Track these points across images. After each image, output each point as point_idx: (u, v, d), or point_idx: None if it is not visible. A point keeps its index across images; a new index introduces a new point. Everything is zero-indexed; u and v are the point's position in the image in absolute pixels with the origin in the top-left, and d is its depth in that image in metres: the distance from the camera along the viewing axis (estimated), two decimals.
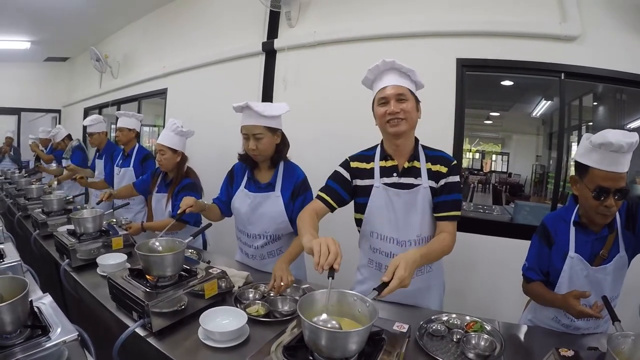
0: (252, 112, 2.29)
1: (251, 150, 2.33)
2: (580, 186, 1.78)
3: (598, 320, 1.84)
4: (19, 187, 4.94)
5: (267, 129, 2.31)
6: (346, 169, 2.11)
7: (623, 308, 1.78)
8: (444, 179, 1.97)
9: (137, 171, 4.08)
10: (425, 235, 2.02)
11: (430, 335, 1.72)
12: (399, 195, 1.99)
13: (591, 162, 1.69)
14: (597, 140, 1.63)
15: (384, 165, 2.05)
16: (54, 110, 11.11)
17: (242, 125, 2.35)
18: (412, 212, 1.99)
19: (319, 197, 2.10)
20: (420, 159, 2.02)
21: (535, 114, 6.20)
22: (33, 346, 1.29)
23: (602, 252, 1.83)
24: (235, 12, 5.24)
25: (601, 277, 1.82)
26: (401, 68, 1.92)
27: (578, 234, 1.86)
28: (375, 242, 2.10)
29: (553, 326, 1.97)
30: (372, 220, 2.07)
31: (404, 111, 1.90)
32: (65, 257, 2.42)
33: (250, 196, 2.44)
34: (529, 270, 2.00)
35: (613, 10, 3.23)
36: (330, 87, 4.22)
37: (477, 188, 8.17)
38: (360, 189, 2.09)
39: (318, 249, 1.47)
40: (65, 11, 6.61)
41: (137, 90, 7.15)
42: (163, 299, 1.65)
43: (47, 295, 1.66)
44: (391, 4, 3.97)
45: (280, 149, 2.44)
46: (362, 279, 2.24)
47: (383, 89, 1.94)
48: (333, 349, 1.21)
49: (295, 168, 2.50)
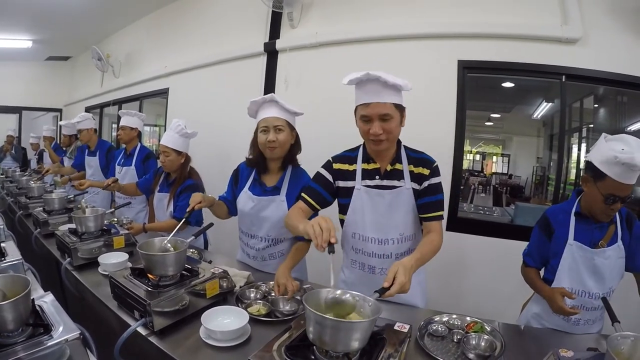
0: (275, 104, 2.32)
1: (270, 142, 2.30)
2: (591, 186, 1.84)
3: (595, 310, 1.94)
4: (20, 185, 4.93)
5: (287, 124, 2.34)
6: (328, 170, 2.12)
7: (623, 309, 1.78)
8: (426, 181, 1.97)
9: (139, 170, 4.09)
10: (408, 234, 2.04)
11: (431, 335, 1.73)
12: (382, 195, 1.99)
13: (611, 173, 1.73)
14: (624, 159, 1.67)
15: (366, 167, 2.05)
16: (55, 109, 11.13)
17: (264, 118, 2.33)
18: (395, 212, 2.00)
19: (302, 198, 2.10)
20: (402, 161, 2.01)
21: (536, 116, 6.22)
22: (35, 344, 1.29)
23: (601, 242, 1.90)
24: (237, 13, 5.25)
25: (600, 261, 1.88)
26: (387, 82, 1.79)
27: (578, 223, 1.95)
28: (357, 242, 2.10)
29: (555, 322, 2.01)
30: (353, 221, 2.08)
31: (386, 132, 1.86)
32: (67, 256, 2.42)
33: (255, 199, 2.42)
34: (528, 255, 2.16)
35: (614, 13, 3.23)
36: (331, 88, 4.19)
37: (478, 189, 8.20)
38: (342, 190, 2.09)
39: (312, 231, 1.52)
40: (67, 10, 6.62)
41: (139, 89, 7.16)
42: (165, 298, 1.65)
43: (48, 293, 1.66)
44: (393, 6, 3.98)
45: (294, 150, 2.44)
46: (345, 278, 2.24)
47: (366, 106, 1.86)
48: (337, 341, 1.22)
49: (303, 174, 2.47)
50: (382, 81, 1.78)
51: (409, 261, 1.60)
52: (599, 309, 1.93)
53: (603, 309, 1.90)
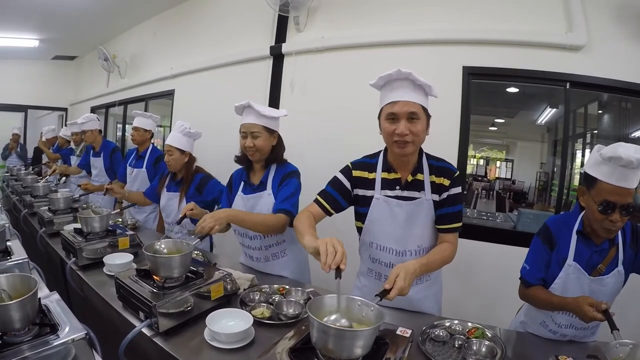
0: (252, 110, 2.38)
1: (248, 147, 2.39)
2: (587, 198, 1.76)
3: (585, 330, 1.87)
4: (24, 184, 4.96)
5: (264, 129, 2.39)
6: (347, 177, 2.06)
7: (622, 319, 1.79)
8: (446, 192, 1.92)
9: (150, 173, 4.08)
10: (426, 246, 2.00)
11: (433, 340, 1.73)
12: (401, 206, 1.95)
13: (600, 175, 1.67)
14: (607, 153, 1.62)
15: (386, 177, 1.99)
16: (60, 109, 11.20)
17: (242, 123, 2.44)
18: (414, 224, 1.96)
19: (317, 201, 2.08)
20: (424, 171, 1.95)
21: (540, 122, 6.22)
22: (41, 344, 1.30)
23: (600, 267, 1.81)
24: (243, 16, 5.28)
25: (597, 288, 1.81)
26: (417, 81, 1.76)
27: (579, 243, 1.84)
28: (375, 252, 2.07)
29: (540, 332, 1.96)
30: (371, 230, 2.04)
31: (412, 134, 1.78)
32: (72, 256, 2.43)
33: (245, 198, 2.48)
34: (530, 274, 1.95)
35: (619, 21, 3.24)
36: (337, 92, 4.24)
37: (481, 195, 8.19)
38: (361, 199, 2.05)
39: (324, 249, 1.49)
40: (74, 10, 6.67)
41: (145, 90, 7.20)
42: (170, 299, 1.67)
43: (54, 293, 1.67)
44: (399, 12, 4.00)
45: (277, 151, 2.49)
46: (361, 286, 2.23)
47: (393, 104, 1.79)
48: (341, 349, 1.23)
49: (287, 165, 2.51)
50: (412, 79, 1.75)
51: (412, 265, 1.60)
52: (589, 328, 1.86)
53: (596, 326, 1.88)
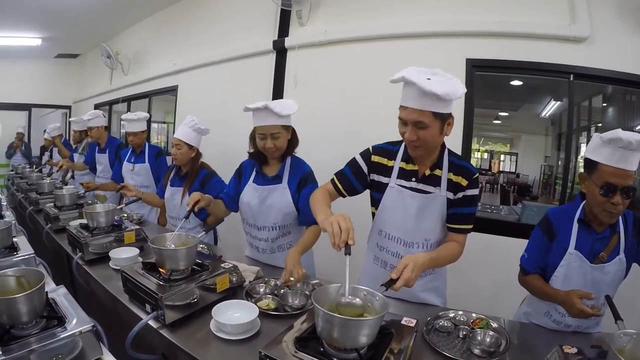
0: (270, 112, 2.27)
1: (269, 149, 2.36)
2: (588, 183, 1.77)
3: (589, 320, 1.85)
4: (30, 181, 4.98)
5: (283, 128, 2.36)
6: (366, 161, 2.05)
7: (627, 307, 1.79)
8: (462, 191, 1.91)
9: (153, 166, 4.13)
10: (433, 240, 2.00)
11: (437, 331, 1.74)
12: (414, 198, 1.94)
13: (600, 157, 1.69)
14: (607, 135, 1.64)
15: (404, 167, 1.97)
16: (64, 107, 11.20)
17: (259, 125, 2.34)
18: (424, 217, 1.95)
19: (333, 181, 2.11)
20: (442, 167, 1.93)
21: (544, 115, 6.18)
22: (48, 336, 1.32)
23: (602, 254, 1.82)
24: (246, 11, 5.28)
25: (598, 276, 1.82)
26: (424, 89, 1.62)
27: (580, 231, 1.86)
28: (383, 240, 2.09)
29: (544, 322, 1.98)
30: (382, 218, 2.05)
31: (420, 139, 1.75)
32: (78, 251, 2.45)
33: (259, 189, 2.48)
34: (528, 262, 2.00)
35: (622, 12, 3.22)
36: (340, 86, 4.24)
37: (485, 188, 8.17)
38: (376, 185, 2.05)
39: (330, 229, 1.52)
40: (76, 8, 6.66)
41: (148, 87, 7.20)
42: (176, 292, 1.69)
43: (61, 287, 1.69)
44: (402, 4, 3.99)
45: (292, 144, 2.49)
46: (366, 273, 2.24)
47: (404, 109, 1.75)
48: (346, 338, 1.24)
49: (301, 161, 2.54)
50: (419, 87, 1.63)
51: (422, 258, 1.61)
52: (592, 318, 1.83)
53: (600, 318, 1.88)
